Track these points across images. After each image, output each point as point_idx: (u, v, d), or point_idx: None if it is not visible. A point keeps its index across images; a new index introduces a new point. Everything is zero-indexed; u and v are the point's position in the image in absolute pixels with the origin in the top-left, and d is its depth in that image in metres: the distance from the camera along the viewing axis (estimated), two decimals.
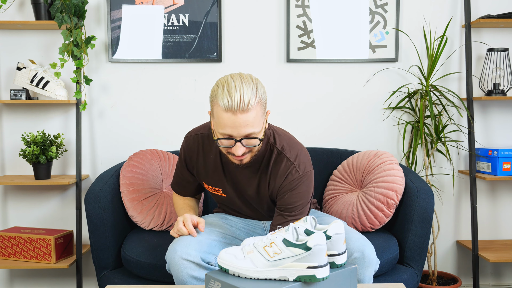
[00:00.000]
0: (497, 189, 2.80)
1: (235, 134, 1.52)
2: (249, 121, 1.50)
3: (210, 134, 1.76)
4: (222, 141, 1.56)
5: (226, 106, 1.48)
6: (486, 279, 2.82)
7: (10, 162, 2.71)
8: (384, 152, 2.36)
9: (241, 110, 1.48)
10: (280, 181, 1.68)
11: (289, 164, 1.68)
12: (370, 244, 1.70)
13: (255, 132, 1.53)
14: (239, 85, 1.49)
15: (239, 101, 1.47)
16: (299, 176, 1.67)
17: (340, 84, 2.73)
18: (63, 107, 2.69)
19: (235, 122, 1.49)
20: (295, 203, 1.68)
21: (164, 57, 2.67)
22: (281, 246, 1.34)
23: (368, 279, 1.67)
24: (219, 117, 1.51)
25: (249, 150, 1.58)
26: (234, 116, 1.48)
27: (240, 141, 1.53)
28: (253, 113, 1.50)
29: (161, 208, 2.27)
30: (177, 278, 1.62)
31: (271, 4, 2.68)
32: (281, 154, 1.69)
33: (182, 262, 1.61)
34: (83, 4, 2.46)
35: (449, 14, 2.71)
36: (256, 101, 1.51)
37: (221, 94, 1.49)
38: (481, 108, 2.76)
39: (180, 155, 1.86)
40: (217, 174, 1.77)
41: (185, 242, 1.64)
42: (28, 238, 2.41)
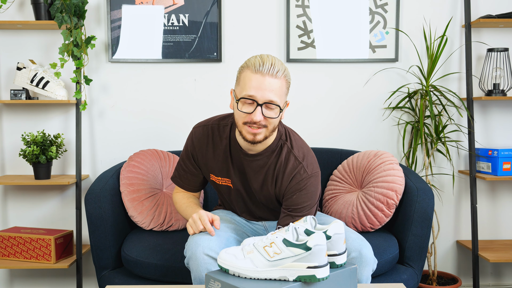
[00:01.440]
0: (497, 189, 2.80)
1: (259, 96, 1.56)
2: (274, 88, 1.57)
3: (220, 125, 1.78)
4: (243, 105, 1.59)
5: (257, 69, 1.57)
6: (486, 279, 2.82)
7: (10, 162, 2.71)
8: (384, 152, 2.36)
9: (270, 74, 1.56)
10: (287, 179, 1.71)
11: (297, 163, 1.71)
12: (367, 244, 1.70)
13: (277, 101, 1.58)
14: (271, 57, 1.60)
15: (270, 66, 1.56)
16: (307, 176, 1.70)
17: (340, 84, 2.73)
18: (63, 107, 2.69)
19: (262, 84, 1.56)
20: (303, 203, 1.69)
21: (164, 57, 2.67)
22: (281, 246, 1.34)
23: (366, 278, 1.67)
24: (247, 80, 1.58)
25: (265, 124, 1.60)
26: (262, 77, 1.56)
27: (261, 106, 1.57)
28: (279, 83, 1.58)
29: (161, 208, 2.27)
30: (196, 273, 1.60)
31: (271, 4, 2.68)
32: (290, 152, 1.72)
33: (204, 257, 1.59)
34: (83, 4, 2.46)
35: (449, 14, 2.71)
36: (283, 75, 1.60)
37: (254, 59, 1.59)
38: (481, 108, 2.76)
39: (186, 146, 1.84)
40: (226, 165, 1.77)
41: (207, 237, 1.62)
42: (28, 238, 2.41)
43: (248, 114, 1.59)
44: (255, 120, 1.58)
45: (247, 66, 1.60)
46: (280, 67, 1.59)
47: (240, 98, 1.59)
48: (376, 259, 1.78)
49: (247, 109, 1.59)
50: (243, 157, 1.74)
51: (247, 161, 1.74)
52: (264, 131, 1.62)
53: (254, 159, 1.73)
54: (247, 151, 1.72)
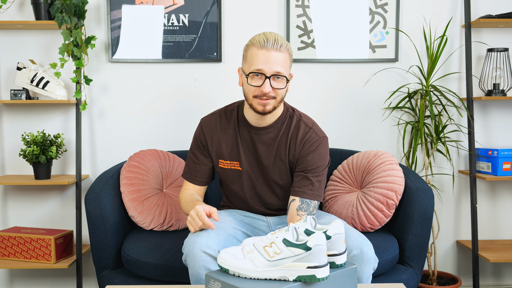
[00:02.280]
0: (497, 189, 2.80)
1: (267, 69, 1.68)
2: (280, 60, 1.69)
3: (227, 110, 1.90)
4: (253, 79, 1.71)
5: (262, 44, 1.68)
6: (486, 279, 2.82)
7: (10, 162, 2.71)
8: (384, 152, 2.36)
9: (274, 48, 1.68)
10: (300, 144, 1.82)
11: (307, 128, 1.84)
12: (368, 242, 1.71)
13: (283, 72, 1.70)
14: (274, 33, 1.71)
15: (273, 41, 1.68)
16: (318, 138, 1.82)
17: (340, 84, 2.73)
18: (63, 107, 2.69)
19: (268, 58, 1.67)
20: (317, 164, 1.80)
21: (164, 57, 2.67)
22: (281, 246, 1.34)
23: (366, 276, 1.67)
24: (253, 56, 1.70)
25: (273, 95, 1.72)
26: (268, 52, 1.67)
27: (270, 78, 1.69)
28: (284, 56, 1.70)
29: (161, 208, 2.27)
30: (193, 270, 1.62)
31: (271, 4, 2.68)
32: (300, 120, 1.85)
33: (201, 254, 1.60)
34: (83, 4, 2.46)
35: (449, 14, 2.71)
36: (286, 49, 1.71)
37: (258, 37, 1.71)
38: (481, 108, 2.76)
39: (195, 137, 1.91)
40: (235, 146, 1.85)
41: (205, 235, 1.64)
42: (28, 238, 2.41)
43: (258, 87, 1.70)
44: (265, 92, 1.69)
45: (252, 43, 1.71)
46: (283, 41, 1.70)
47: (250, 73, 1.71)
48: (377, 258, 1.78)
49: (257, 82, 1.71)
50: (254, 132, 1.83)
51: (258, 136, 1.83)
52: (273, 102, 1.73)
53: (266, 132, 1.83)
54: (257, 126, 1.83)
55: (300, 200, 1.78)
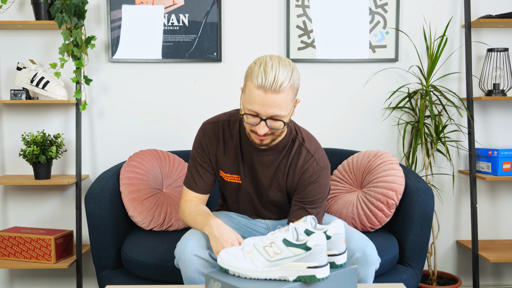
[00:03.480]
0: (497, 189, 2.80)
1: (262, 113, 1.54)
2: (278, 103, 1.53)
3: (231, 121, 1.78)
4: (248, 118, 1.58)
5: (259, 83, 1.51)
6: (486, 279, 2.82)
7: (10, 162, 2.71)
8: (384, 152, 2.36)
9: (272, 90, 1.51)
10: (299, 172, 1.72)
11: (309, 156, 1.72)
12: (371, 243, 1.70)
13: (281, 115, 1.56)
14: (276, 66, 1.52)
15: (272, 81, 1.50)
16: (320, 169, 1.71)
17: (340, 84, 2.73)
18: (63, 107, 2.69)
19: (264, 101, 1.52)
20: (316, 196, 1.71)
21: (164, 57, 2.67)
22: (281, 246, 1.34)
23: (370, 277, 1.68)
24: (250, 93, 1.54)
25: (271, 132, 1.61)
26: (265, 94, 1.51)
27: (265, 121, 1.56)
28: (283, 95, 1.53)
29: (161, 208, 2.27)
30: (186, 274, 1.61)
31: (271, 4, 2.68)
32: (302, 145, 1.73)
33: (192, 258, 1.60)
34: (83, 4, 2.46)
35: (449, 14, 2.71)
36: (289, 85, 1.53)
37: (257, 71, 1.52)
38: (481, 108, 2.76)
39: (196, 142, 1.80)
40: (236, 161, 1.77)
41: (196, 238, 1.63)
42: (28, 238, 2.41)
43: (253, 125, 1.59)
44: (260, 133, 1.58)
45: (251, 75, 1.55)
46: (285, 77, 1.52)
47: (245, 113, 1.59)
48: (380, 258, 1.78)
49: (252, 120, 1.59)
50: (254, 152, 1.73)
51: (257, 156, 1.74)
52: (270, 137, 1.63)
53: (265, 154, 1.73)
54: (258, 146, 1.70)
55: None
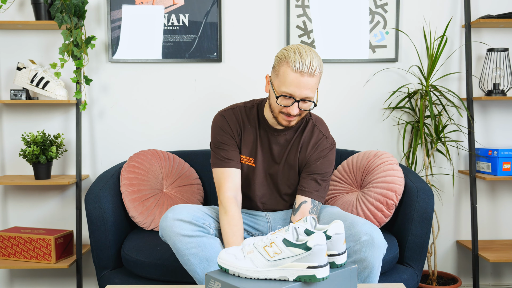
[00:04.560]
0: (497, 189, 2.80)
1: (297, 94, 1.70)
2: (311, 85, 1.70)
3: (247, 107, 1.92)
4: (282, 100, 1.73)
5: (297, 68, 1.66)
6: (486, 279, 2.82)
7: (10, 162, 2.71)
8: (384, 152, 2.36)
9: (308, 74, 1.67)
10: (312, 148, 1.88)
11: (321, 135, 1.91)
12: (377, 228, 1.70)
13: (312, 97, 1.73)
14: (309, 53, 1.69)
15: (308, 66, 1.67)
16: (329, 146, 1.90)
17: (340, 84, 2.73)
18: (63, 107, 2.69)
19: (300, 83, 1.68)
20: (326, 169, 1.88)
21: (164, 57, 2.67)
22: (281, 246, 1.34)
23: (378, 262, 1.65)
24: (286, 77, 1.69)
25: (300, 113, 1.77)
26: (302, 77, 1.67)
27: (298, 102, 1.71)
28: (316, 79, 1.70)
29: (161, 209, 2.27)
30: (169, 240, 1.69)
31: (271, 4, 2.68)
32: (315, 126, 1.92)
33: (174, 222, 1.67)
34: (83, 4, 2.46)
35: (449, 14, 2.71)
36: (320, 71, 1.71)
37: (293, 56, 1.67)
38: (481, 108, 2.76)
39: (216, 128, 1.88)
40: (254, 143, 1.89)
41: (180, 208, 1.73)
42: (28, 238, 2.41)
43: (286, 107, 1.73)
44: (292, 114, 1.73)
45: (286, 61, 1.69)
46: (318, 64, 1.69)
47: (280, 95, 1.72)
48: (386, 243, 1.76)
49: (285, 102, 1.73)
50: (271, 133, 1.88)
51: (274, 136, 1.88)
52: (297, 118, 1.79)
53: (282, 134, 1.88)
54: (275, 127, 1.87)
55: (312, 203, 1.83)
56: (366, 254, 1.63)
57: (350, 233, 1.67)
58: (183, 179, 2.43)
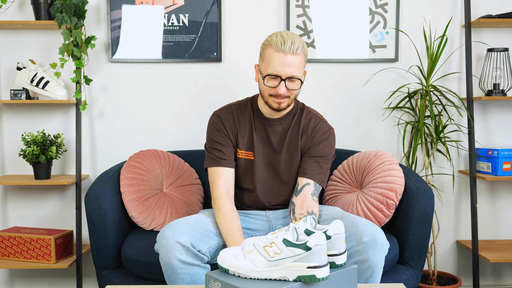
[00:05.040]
0: (497, 189, 2.80)
1: (282, 73, 1.76)
2: (295, 64, 1.76)
3: (241, 103, 1.99)
4: (268, 80, 1.80)
5: (279, 48, 1.75)
6: (486, 279, 2.82)
7: (10, 162, 2.71)
8: (384, 152, 2.36)
9: (291, 52, 1.75)
10: (311, 133, 1.94)
11: (318, 119, 1.97)
12: (379, 228, 1.70)
13: (298, 76, 1.79)
14: (290, 34, 1.78)
15: (290, 45, 1.74)
16: (329, 129, 1.96)
17: (340, 84, 2.73)
18: (63, 107, 2.69)
19: (284, 62, 1.75)
20: (327, 152, 1.93)
21: (164, 57, 2.67)
22: (281, 246, 1.34)
23: (381, 262, 1.65)
24: (270, 58, 1.77)
25: (288, 95, 1.81)
26: (285, 56, 1.75)
27: (285, 81, 1.77)
28: (299, 58, 1.77)
29: (161, 209, 2.27)
30: (164, 260, 1.65)
31: (271, 4, 2.68)
32: (310, 112, 1.98)
33: (173, 243, 1.63)
34: (83, 4, 2.46)
35: (449, 14, 2.71)
36: (302, 51, 1.78)
37: (275, 39, 1.77)
38: (481, 108, 2.76)
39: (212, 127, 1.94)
40: (250, 137, 1.93)
41: (179, 226, 1.69)
42: (28, 238, 2.41)
43: (274, 87, 1.79)
44: (280, 93, 1.79)
45: (269, 44, 1.78)
46: (299, 43, 1.76)
47: (266, 75, 1.78)
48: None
49: (272, 83, 1.79)
50: (267, 124, 1.93)
51: (271, 127, 1.93)
52: (287, 100, 1.83)
53: (279, 123, 1.93)
54: (271, 118, 1.92)
55: (314, 185, 1.87)
56: (369, 254, 1.62)
57: (351, 232, 1.67)
58: (183, 179, 2.43)
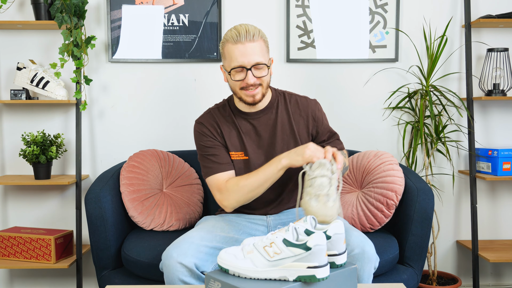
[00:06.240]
0: (497, 189, 2.80)
1: (246, 62, 1.73)
2: (256, 50, 1.73)
3: (219, 106, 1.93)
4: (235, 74, 1.76)
5: (235, 39, 1.72)
6: (486, 279, 2.82)
7: (10, 162, 2.71)
8: (384, 152, 2.36)
9: (248, 40, 1.72)
10: (305, 111, 1.90)
11: (303, 98, 1.94)
12: (370, 241, 1.71)
13: (262, 61, 1.74)
14: (244, 24, 1.75)
15: (245, 34, 1.72)
16: (315, 101, 1.95)
17: (340, 84, 2.73)
18: (63, 107, 2.69)
19: (244, 51, 1.72)
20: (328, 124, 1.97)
21: (164, 57, 2.67)
22: (281, 246, 1.34)
23: (367, 275, 1.67)
24: (231, 52, 1.74)
25: (259, 83, 1.77)
26: (243, 46, 1.72)
27: (251, 70, 1.73)
28: (259, 44, 1.74)
29: (161, 208, 2.27)
30: (168, 279, 1.65)
31: (271, 4, 2.68)
32: (292, 95, 1.94)
33: (176, 265, 1.62)
34: (83, 4, 2.46)
35: (449, 14, 2.71)
36: (260, 36, 1.75)
37: (229, 33, 1.75)
38: (481, 108, 2.76)
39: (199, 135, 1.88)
40: (238, 137, 1.88)
41: (185, 246, 1.66)
42: (28, 238, 2.41)
43: (242, 80, 1.75)
44: (250, 83, 1.74)
45: (226, 40, 1.75)
46: (255, 30, 1.74)
47: (231, 69, 1.75)
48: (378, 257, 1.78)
49: (240, 76, 1.76)
50: (252, 118, 1.88)
51: (257, 120, 1.88)
52: (260, 90, 1.78)
53: (263, 114, 1.88)
54: (253, 112, 1.87)
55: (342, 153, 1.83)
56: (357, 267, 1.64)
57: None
58: (183, 179, 2.43)
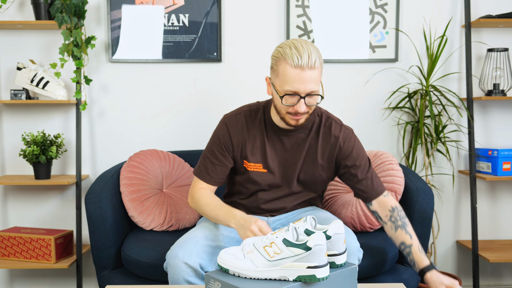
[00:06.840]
0: (497, 189, 2.80)
1: (301, 90, 1.62)
2: (314, 78, 1.62)
3: (252, 110, 1.84)
4: (287, 99, 1.65)
5: (296, 63, 1.59)
6: (486, 279, 2.82)
7: (10, 162, 2.71)
8: (384, 152, 2.36)
9: (309, 67, 1.60)
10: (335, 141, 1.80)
11: (338, 125, 1.83)
12: (351, 233, 1.74)
13: (317, 90, 1.66)
14: (305, 45, 1.62)
15: (308, 59, 1.59)
16: (350, 132, 1.84)
17: (340, 84, 2.73)
18: (63, 107, 2.69)
19: (302, 78, 1.60)
20: (363, 157, 1.82)
21: (164, 57, 2.67)
22: (281, 246, 1.34)
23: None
24: (287, 75, 1.62)
25: (307, 110, 1.68)
26: (303, 72, 1.60)
27: (304, 98, 1.64)
28: (317, 72, 1.63)
29: (161, 208, 2.27)
30: (172, 279, 1.65)
31: (271, 4, 2.68)
32: (329, 118, 1.84)
33: (181, 264, 1.62)
34: (83, 4, 2.46)
35: (449, 14, 2.71)
36: (320, 62, 1.63)
37: (290, 52, 1.61)
38: (481, 108, 2.76)
39: (216, 135, 1.83)
40: (261, 149, 1.81)
41: (189, 246, 1.66)
42: (28, 238, 2.41)
43: (292, 106, 1.66)
44: (300, 111, 1.65)
45: (283, 58, 1.62)
46: (316, 55, 1.62)
47: (284, 94, 1.64)
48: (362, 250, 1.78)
49: (291, 101, 1.65)
50: (282, 135, 1.80)
51: (287, 137, 1.80)
52: (305, 116, 1.71)
53: (296, 133, 1.80)
54: (286, 128, 1.78)
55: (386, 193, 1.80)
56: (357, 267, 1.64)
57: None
58: (183, 179, 2.43)
